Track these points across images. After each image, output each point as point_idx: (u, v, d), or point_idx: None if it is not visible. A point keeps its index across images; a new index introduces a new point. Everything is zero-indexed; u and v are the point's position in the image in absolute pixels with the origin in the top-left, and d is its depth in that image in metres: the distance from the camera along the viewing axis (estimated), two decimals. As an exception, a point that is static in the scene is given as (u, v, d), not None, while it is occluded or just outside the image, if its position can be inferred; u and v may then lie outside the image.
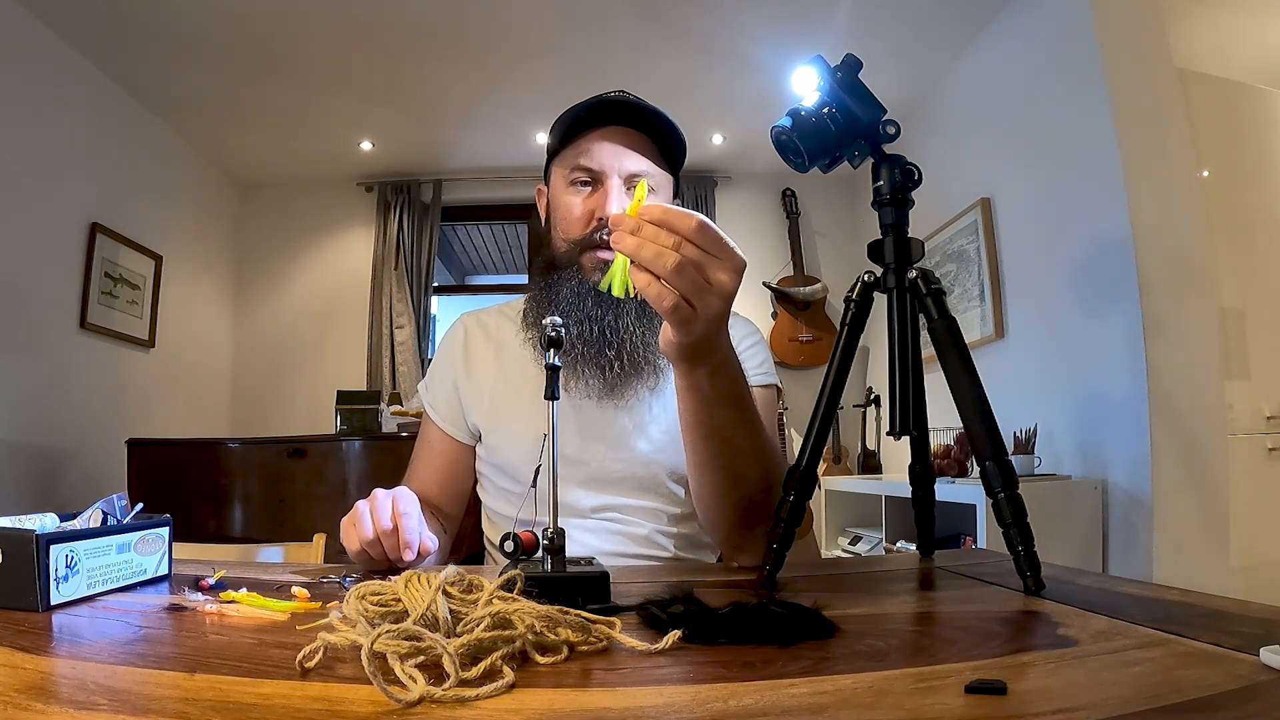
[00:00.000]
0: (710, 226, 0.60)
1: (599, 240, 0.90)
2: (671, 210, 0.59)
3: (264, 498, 2.58)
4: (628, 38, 2.78)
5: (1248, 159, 2.35)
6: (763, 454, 0.76)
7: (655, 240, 0.59)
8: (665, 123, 0.92)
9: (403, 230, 3.83)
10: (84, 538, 0.58)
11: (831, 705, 0.35)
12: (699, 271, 0.59)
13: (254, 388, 3.89)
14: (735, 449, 0.74)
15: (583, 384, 0.90)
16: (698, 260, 0.59)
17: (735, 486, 0.76)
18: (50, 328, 2.69)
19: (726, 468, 0.75)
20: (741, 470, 0.75)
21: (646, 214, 0.60)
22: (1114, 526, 2.04)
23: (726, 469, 0.75)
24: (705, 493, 0.78)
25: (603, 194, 0.90)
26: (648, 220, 0.59)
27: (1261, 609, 0.53)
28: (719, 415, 0.71)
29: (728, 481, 0.75)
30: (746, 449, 0.74)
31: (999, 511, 0.64)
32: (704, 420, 0.72)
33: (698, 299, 0.60)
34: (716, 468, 0.75)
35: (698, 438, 0.74)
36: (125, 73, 2.90)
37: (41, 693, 0.36)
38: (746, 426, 0.73)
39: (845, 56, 0.72)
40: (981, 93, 2.79)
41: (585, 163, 0.90)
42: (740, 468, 0.75)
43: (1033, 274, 2.50)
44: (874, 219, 0.74)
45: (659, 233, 0.59)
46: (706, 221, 0.60)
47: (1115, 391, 2.06)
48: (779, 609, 0.48)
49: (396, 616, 0.44)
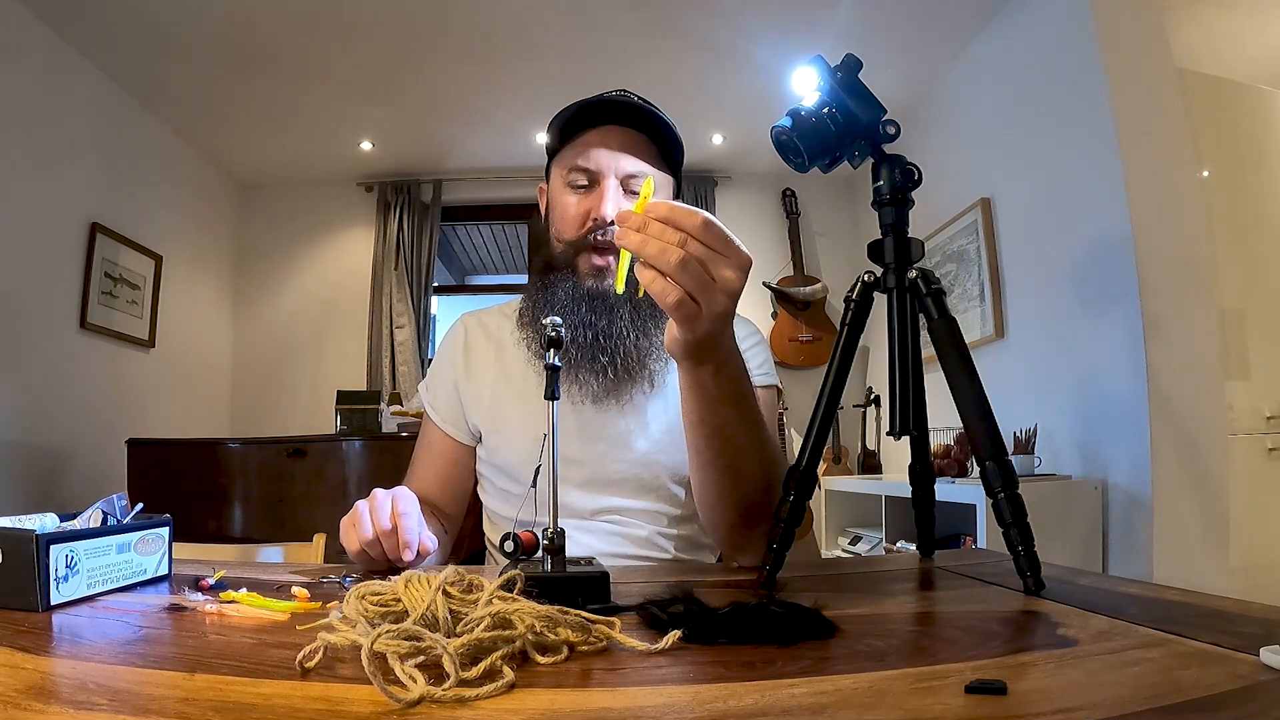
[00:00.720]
0: (716, 223, 0.60)
1: (594, 241, 0.89)
2: (677, 207, 0.59)
3: (264, 498, 2.58)
4: (627, 38, 2.78)
5: (1248, 159, 2.35)
6: (764, 453, 0.76)
7: (660, 237, 0.58)
8: (663, 123, 0.91)
9: (403, 230, 3.83)
10: (84, 538, 0.58)
11: (831, 705, 0.35)
12: (704, 268, 0.59)
13: (254, 388, 3.89)
14: (738, 448, 0.73)
15: (578, 387, 0.90)
16: (703, 257, 0.59)
17: (737, 486, 0.76)
18: (50, 328, 2.69)
19: (729, 467, 0.74)
20: (744, 469, 0.75)
21: (652, 211, 0.59)
22: (1114, 526, 2.04)
23: (729, 468, 0.75)
24: (707, 492, 0.78)
25: (599, 194, 0.90)
26: (654, 217, 0.59)
27: (1261, 609, 0.53)
28: (722, 413, 0.71)
29: (730, 481, 0.75)
30: (749, 448, 0.74)
31: (999, 511, 0.64)
32: (707, 419, 0.72)
33: (703, 296, 0.60)
34: (719, 467, 0.75)
35: (701, 436, 0.74)
36: (125, 73, 2.90)
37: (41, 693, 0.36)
38: (749, 425, 0.73)
39: (845, 56, 0.72)
40: (981, 93, 2.79)
41: (582, 163, 0.90)
42: (742, 467, 0.75)
43: (1033, 274, 2.50)
44: (874, 219, 0.74)
45: (664, 229, 0.59)
46: (712, 218, 0.59)
47: (1115, 391, 2.06)
48: (779, 609, 0.48)
49: (396, 616, 0.44)
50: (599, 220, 0.89)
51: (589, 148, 0.90)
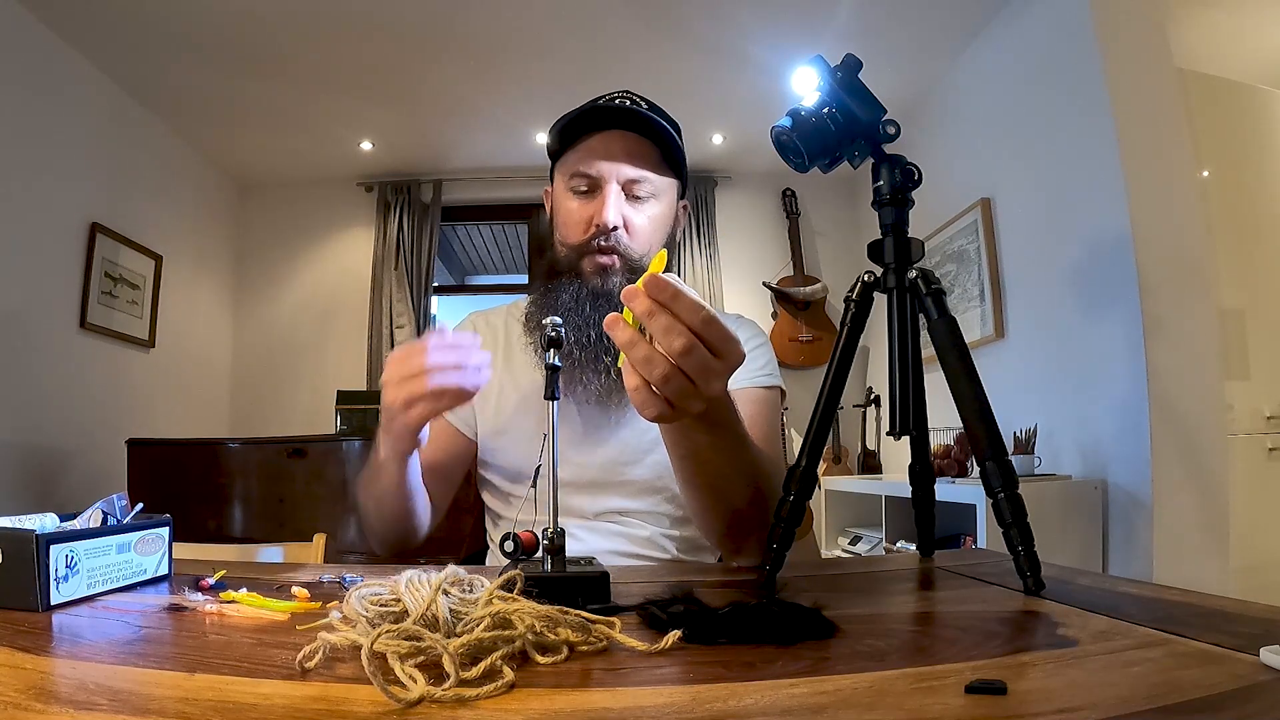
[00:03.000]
0: (718, 322, 0.54)
1: (596, 246, 0.89)
2: (683, 295, 0.53)
3: (264, 498, 2.58)
4: (628, 38, 2.78)
5: (1248, 159, 2.35)
6: (749, 471, 0.73)
7: (658, 333, 0.53)
8: (664, 123, 0.91)
9: (403, 230, 3.83)
10: (84, 538, 0.58)
11: (831, 705, 0.35)
12: (691, 378, 0.55)
13: (254, 388, 3.89)
14: (716, 469, 0.72)
15: (582, 388, 0.90)
16: (693, 369, 0.54)
17: (719, 502, 0.75)
18: (50, 328, 2.69)
19: (709, 486, 0.74)
20: (725, 488, 0.74)
21: (655, 291, 0.53)
22: (1114, 526, 2.04)
23: (709, 487, 0.74)
24: (693, 507, 0.79)
25: (601, 200, 0.90)
26: (655, 299, 0.53)
27: (1261, 609, 0.53)
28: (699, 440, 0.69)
29: (711, 499, 0.75)
30: (730, 470, 0.72)
31: (999, 511, 0.64)
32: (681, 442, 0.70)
33: (683, 403, 0.57)
34: (698, 486, 0.74)
35: (675, 459, 0.73)
36: (125, 73, 2.90)
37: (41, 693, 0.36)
38: (730, 452, 0.71)
39: (845, 56, 0.72)
40: (981, 93, 2.79)
41: (584, 169, 0.90)
42: (723, 486, 0.73)
43: (1033, 274, 2.50)
44: (874, 219, 0.74)
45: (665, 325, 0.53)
46: (715, 316, 0.54)
47: (1115, 391, 2.06)
48: (779, 609, 0.48)
49: (396, 616, 0.44)
50: (601, 226, 0.89)
51: (591, 153, 0.90)
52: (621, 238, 0.89)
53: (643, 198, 0.91)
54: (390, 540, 0.91)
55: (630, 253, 0.90)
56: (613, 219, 0.88)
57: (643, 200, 0.92)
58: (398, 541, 0.91)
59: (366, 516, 0.92)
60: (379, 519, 0.89)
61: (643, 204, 0.92)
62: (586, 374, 0.89)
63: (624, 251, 0.90)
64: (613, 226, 0.88)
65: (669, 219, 0.96)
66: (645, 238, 0.91)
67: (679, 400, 0.56)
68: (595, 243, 0.89)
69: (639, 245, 0.90)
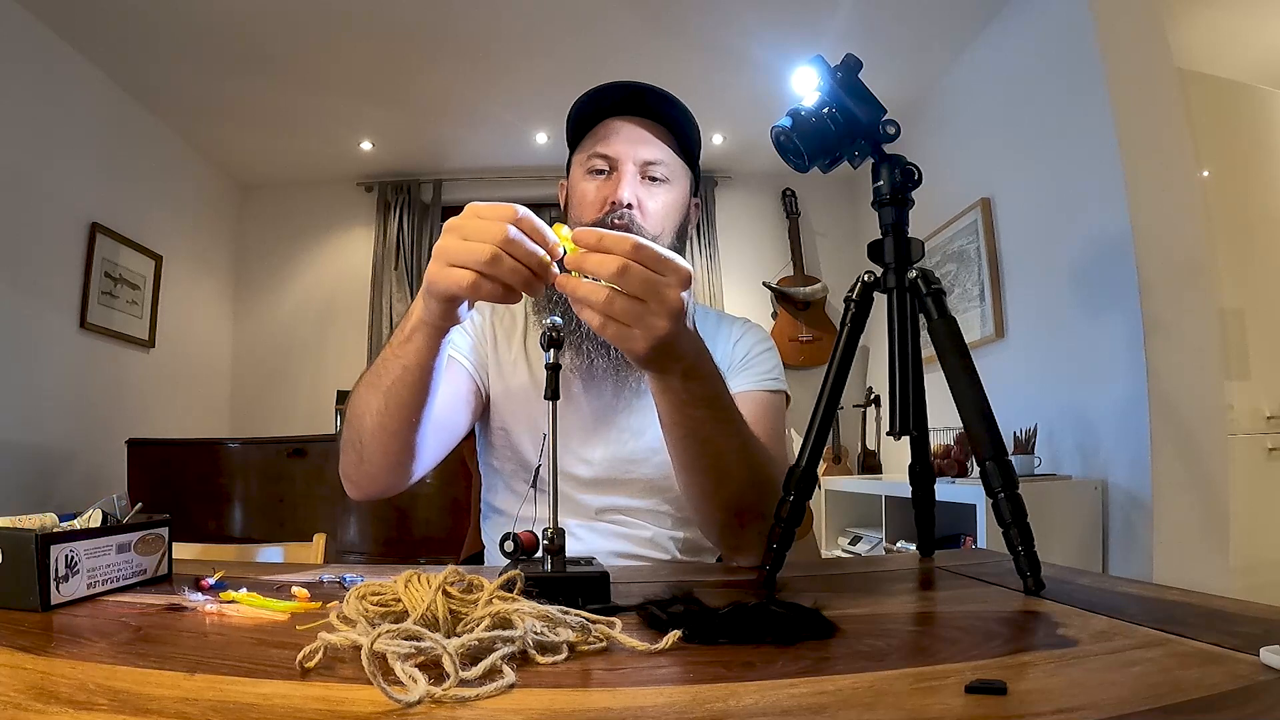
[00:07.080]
0: (646, 244, 0.59)
1: (610, 224, 0.89)
2: (606, 234, 0.59)
3: (264, 498, 2.58)
4: (627, 37, 2.78)
5: (1248, 159, 2.35)
6: (746, 452, 0.75)
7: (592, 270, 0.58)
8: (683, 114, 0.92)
9: (403, 230, 3.83)
10: (84, 538, 0.58)
11: (831, 705, 0.35)
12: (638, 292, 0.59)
13: (254, 388, 3.89)
14: (715, 449, 0.73)
15: (594, 379, 0.90)
16: (636, 288, 0.58)
17: (720, 487, 0.75)
18: (50, 328, 2.69)
19: (709, 468, 0.74)
20: (725, 470, 0.74)
21: (581, 239, 0.59)
22: (1114, 526, 2.04)
23: (709, 469, 0.74)
24: (693, 494, 0.78)
25: (617, 179, 0.90)
26: (583, 245, 0.59)
27: (1261, 609, 0.53)
28: (695, 416, 0.70)
29: (711, 483, 0.75)
30: (727, 449, 0.73)
31: (999, 511, 0.64)
32: (681, 422, 0.71)
33: (639, 324, 0.60)
34: (698, 469, 0.74)
35: (676, 439, 0.73)
36: (125, 73, 2.90)
37: (41, 693, 0.36)
38: (725, 425, 0.72)
39: (845, 56, 0.72)
40: (981, 93, 2.79)
41: (602, 149, 0.91)
42: (723, 467, 0.74)
43: (1033, 274, 2.50)
44: (874, 219, 0.74)
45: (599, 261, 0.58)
46: (642, 241, 0.59)
47: (1115, 391, 2.06)
48: (779, 609, 0.48)
49: (396, 616, 0.44)
50: (617, 204, 0.89)
51: (609, 134, 0.91)
52: (635, 217, 0.89)
53: (658, 179, 0.92)
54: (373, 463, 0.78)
55: (643, 233, 0.89)
56: (627, 196, 0.89)
57: (658, 182, 0.92)
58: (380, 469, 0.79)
59: (356, 422, 0.77)
60: (373, 426, 0.75)
61: (657, 186, 0.92)
62: (597, 361, 0.89)
63: (637, 231, 0.89)
64: (627, 204, 0.88)
65: (681, 206, 0.96)
66: (658, 220, 0.91)
67: (634, 320, 0.59)
68: (609, 220, 0.89)
69: (651, 227, 0.90)
